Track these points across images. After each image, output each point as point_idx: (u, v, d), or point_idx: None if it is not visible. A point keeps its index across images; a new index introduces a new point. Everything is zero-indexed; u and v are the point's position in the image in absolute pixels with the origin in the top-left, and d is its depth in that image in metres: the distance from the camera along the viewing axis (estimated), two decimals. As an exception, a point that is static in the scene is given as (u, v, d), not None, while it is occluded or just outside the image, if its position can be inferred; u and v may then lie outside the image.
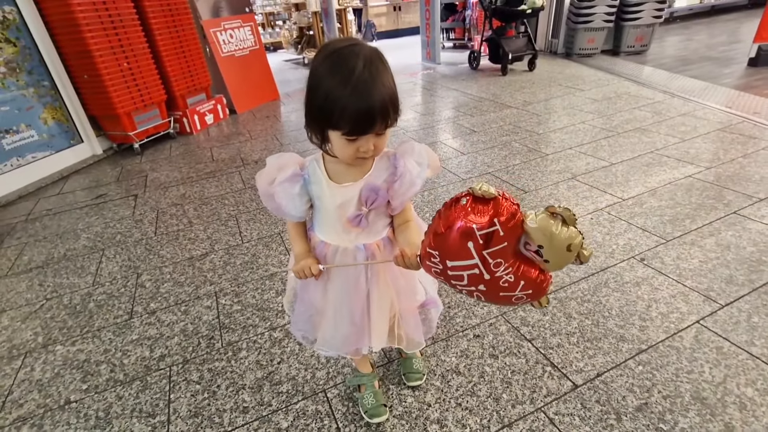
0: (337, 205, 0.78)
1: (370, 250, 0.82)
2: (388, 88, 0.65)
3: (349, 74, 0.62)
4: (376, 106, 0.64)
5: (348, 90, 0.62)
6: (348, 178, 0.77)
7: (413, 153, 0.78)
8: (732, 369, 1.09)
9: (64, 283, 1.76)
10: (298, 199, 0.79)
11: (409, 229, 0.82)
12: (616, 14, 5.09)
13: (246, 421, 1.09)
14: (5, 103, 2.67)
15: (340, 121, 0.65)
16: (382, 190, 0.77)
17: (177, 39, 3.46)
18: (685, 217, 1.77)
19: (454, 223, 0.60)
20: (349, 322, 0.87)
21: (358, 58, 0.63)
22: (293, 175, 0.78)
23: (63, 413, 1.16)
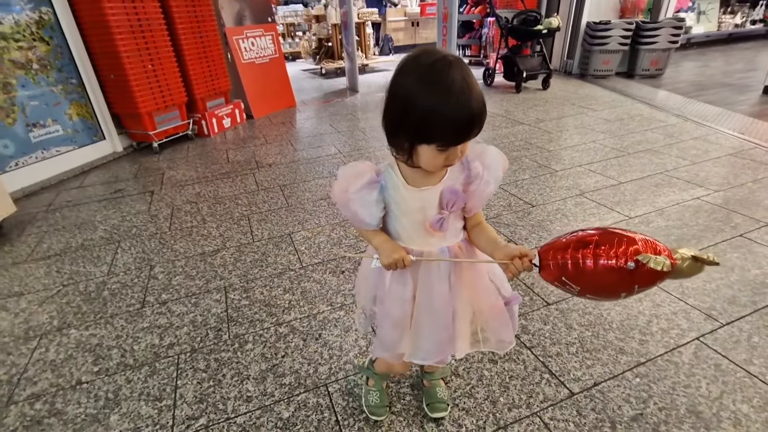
0: (417, 209, 0.78)
1: (453, 252, 0.82)
2: (481, 94, 0.65)
3: (448, 88, 0.63)
4: (475, 115, 0.64)
5: (451, 104, 0.63)
6: (426, 182, 0.77)
7: (485, 155, 0.78)
8: (729, 386, 1.10)
9: (80, 271, 1.82)
10: (375, 206, 0.78)
11: (486, 229, 0.83)
12: (632, 38, 5.14)
13: (249, 410, 1.12)
14: (35, 98, 2.80)
15: (440, 135, 0.65)
16: (460, 192, 0.77)
17: (200, 44, 3.59)
18: (692, 238, 1.78)
19: (616, 281, 0.61)
20: (439, 328, 0.85)
21: (452, 70, 0.63)
22: (370, 182, 0.78)
23: (74, 393, 1.21)
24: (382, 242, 0.81)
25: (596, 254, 0.61)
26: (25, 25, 2.72)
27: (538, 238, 1.85)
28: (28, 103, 2.75)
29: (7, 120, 2.64)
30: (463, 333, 0.87)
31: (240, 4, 4.22)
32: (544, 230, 1.91)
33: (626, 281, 0.60)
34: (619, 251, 0.60)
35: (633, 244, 0.60)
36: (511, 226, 1.97)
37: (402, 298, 0.85)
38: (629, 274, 0.59)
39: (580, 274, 0.63)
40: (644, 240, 0.61)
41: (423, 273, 0.83)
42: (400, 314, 0.86)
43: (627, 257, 0.59)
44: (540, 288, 1.52)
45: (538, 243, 1.81)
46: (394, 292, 0.85)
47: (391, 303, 0.86)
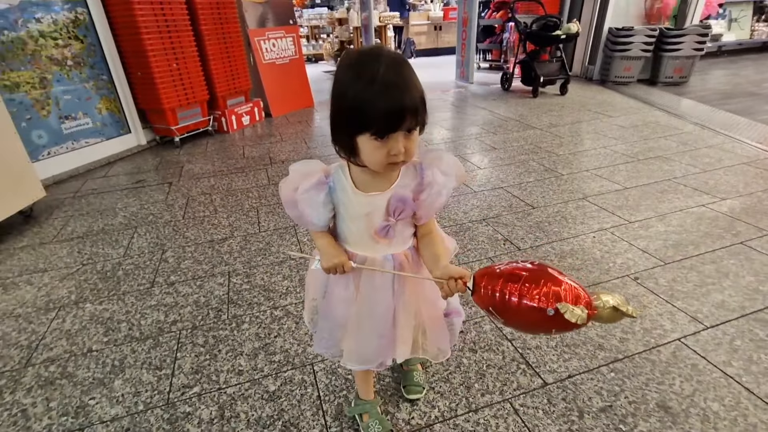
0: (363, 214, 0.76)
1: (398, 260, 0.80)
2: (415, 85, 0.65)
3: (374, 74, 0.62)
4: (405, 100, 0.63)
5: (376, 87, 0.62)
6: (375, 187, 0.75)
7: (440, 162, 0.76)
8: (703, 385, 1.11)
9: (99, 252, 1.96)
10: (322, 207, 0.76)
11: (433, 243, 0.80)
12: (656, 44, 5.06)
13: (239, 382, 1.20)
14: (68, 92, 2.99)
15: (371, 120, 0.63)
16: (409, 200, 0.75)
17: (223, 45, 3.75)
18: (689, 244, 1.77)
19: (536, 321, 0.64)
20: (378, 335, 0.84)
21: (380, 60, 0.64)
22: (318, 183, 0.76)
23: (85, 359, 1.32)
24: (325, 245, 0.80)
25: (521, 292, 0.64)
26: (62, 25, 2.92)
27: (534, 238, 1.88)
28: (61, 97, 2.95)
29: (42, 112, 2.84)
30: (404, 338, 0.86)
31: (263, 6, 4.38)
32: (542, 231, 1.94)
33: (545, 324, 0.63)
34: (542, 293, 0.62)
35: (557, 287, 0.62)
36: (509, 226, 2.00)
37: (344, 299, 0.84)
38: (548, 318, 0.62)
39: (505, 308, 0.66)
40: (569, 287, 0.62)
41: (366, 278, 0.82)
42: (342, 314, 0.86)
43: (548, 302, 0.61)
44: (529, 285, 1.56)
45: (533, 243, 1.84)
46: (336, 294, 0.85)
47: (333, 304, 0.86)
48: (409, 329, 0.87)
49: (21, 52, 2.69)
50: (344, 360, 0.90)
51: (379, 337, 0.85)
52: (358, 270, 0.79)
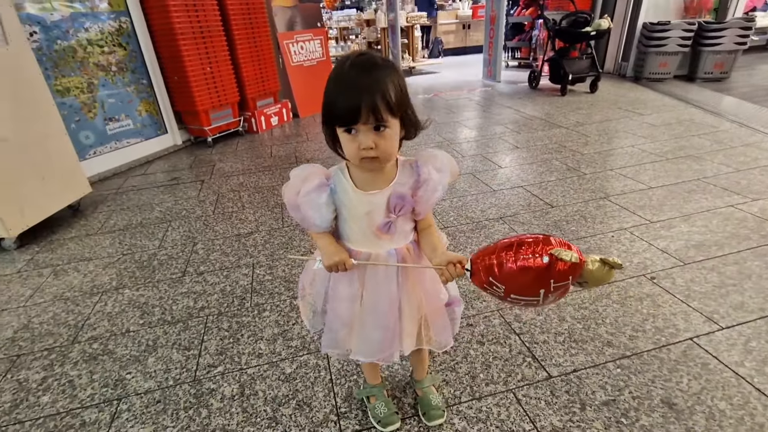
0: (364, 213, 0.80)
1: (401, 254, 0.84)
2: (377, 81, 0.68)
3: (341, 74, 0.70)
4: (361, 94, 0.67)
5: (340, 85, 0.69)
6: (374, 186, 0.79)
7: (435, 160, 0.80)
8: (712, 383, 1.11)
9: (137, 243, 2.12)
10: (325, 209, 0.79)
11: (431, 235, 0.85)
12: (694, 39, 4.85)
13: (258, 364, 1.30)
14: (112, 96, 3.23)
15: (335, 114, 0.70)
16: (408, 197, 0.79)
17: (254, 48, 3.92)
18: (713, 245, 1.73)
19: (533, 278, 0.66)
20: (383, 328, 0.87)
21: (352, 62, 0.70)
22: (319, 185, 0.79)
23: (123, 338, 1.45)
24: (326, 244, 0.83)
25: (517, 254, 0.68)
26: (108, 33, 3.15)
27: (550, 236, 1.88)
28: (106, 101, 3.18)
29: (89, 114, 3.08)
30: (409, 331, 0.89)
31: (292, 10, 4.52)
32: (559, 230, 1.94)
33: (543, 276, 0.66)
34: (536, 249, 0.67)
35: (548, 243, 0.67)
36: (526, 224, 2.01)
37: (348, 297, 0.87)
38: (545, 269, 0.65)
39: (504, 273, 0.69)
40: (559, 240, 0.68)
41: (370, 273, 0.85)
42: (348, 313, 0.88)
43: (542, 253, 0.66)
44: (541, 282, 1.57)
45: (549, 241, 1.85)
46: (341, 292, 0.87)
47: (339, 302, 0.88)
48: (414, 321, 0.90)
49: (71, 60, 2.93)
50: (352, 355, 0.93)
51: (384, 330, 0.87)
52: (359, 266, 0.83)
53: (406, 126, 0.76)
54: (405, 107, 0.73)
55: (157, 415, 1.15)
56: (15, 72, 2.09)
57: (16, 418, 1.17)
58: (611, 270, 0.65)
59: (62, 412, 1.18)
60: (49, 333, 1.51)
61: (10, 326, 1.55)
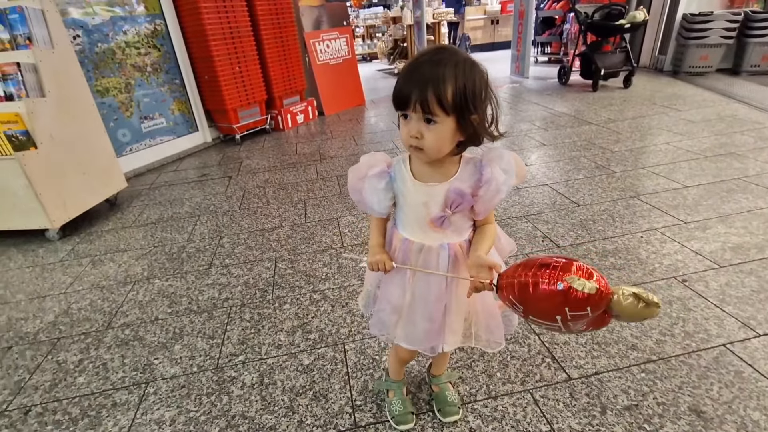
0: (421, 203, 0.80)
1: (453, 250, 0.83)
2: (437, 77, 0.68)
3: (412, 60, 0.72)
4: (412, 84, 0.69)
5: (404, 71, 0.72)
6: (433, 178, 0.79)
7: (501, 160, 0.78)
8: (746, 393, 1.05)
9: (167, 236, 2.21)
10: (383, 194, 0.83)
11: (482, 234, 0.83)
12: (739, 30, 4.57)
13: (278, 354, 1.33)
14: (147, 96, 3.37)
15: (394, 97, 0.73)
16: (467, 194, 0.77)
17: (281, 48, 3.99)
18: (753, 247, 1.63)
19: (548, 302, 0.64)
20: (429, 319, 0.87)
21: (422, 55, 0.72)
22: (381, 172, 0.83)
23: (152, 326, 1.52)
24: (373, 242, 0.88)
25: (535, 276, 0.65)
26: (144, 35, 3.29)
27: (575, 236, 1.83)
28: (142, 100, 3.33)
29: (126, 113, 3.23)
30: (454, 328, 0.89)
31: (318, 10, 4.58)
32: (584, 229, 1.88)
33: (558, 302, 0.63)
34: (553, 274, 0.63)
35: (567, 269, 0.63)
36: (550, 223, 1.96)
37: (399, 284, 0.88)
38: (559, 295, 0.62)
39: (523, 294, 0.67)
40: (583, 266, 0.63)
41: (422, 261, 0.85)
42: (398, 300, 0.89)
43: (558, 279, 0.62)
44: (564, 282, 1.53)
45: (574, 241, 1.80)
46: (392, 278, 0.89)
47: (390, 288, 0.90)
48: (460, 318, 0.89)
49: (111, 61, 3.08)
50: (397, 340, 0.93)
51: (430, 322, 0.87)
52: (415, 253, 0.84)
53: (466, 131, 0.73)
54: (466, 111, 0.70)
55: (182, 399, 1.20)
56: (60, 73, 2.22)
57: (54, 396, 1.25)
58: (649, 307, 0.59)
59: (95, 393, 1.25)
60: (86, 318, 1.60)
61: (52, 311, 1.66)
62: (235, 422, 1.11)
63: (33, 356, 1.43)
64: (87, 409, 1.20)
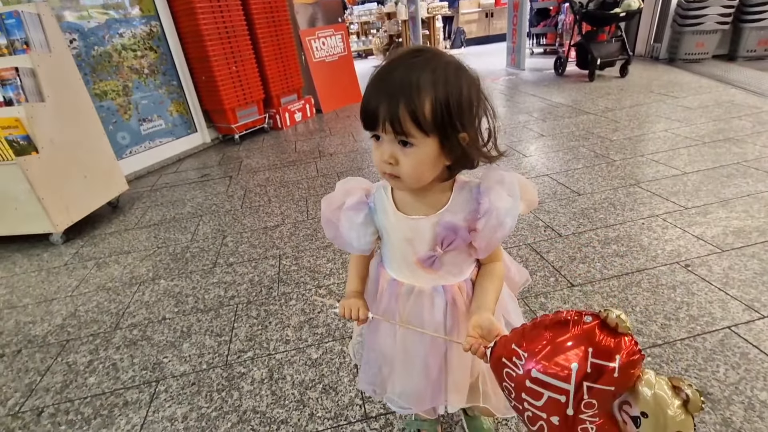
0: (404, 239, 0.67)
1: (451, 294, 0.69)
2: (410, 86, 0.54)
3: (381, 66, 0.58)
4: (381, 97, 0.56)
5: (371, 81, 0.58)
6: (418, 210, 0.66)
7: (503, 184, 0.63)
8: (752, 374, 1.06)
9: (171, 237, 2.22)
10: (362, 230, 0.70)
11: (487, 277, 0.68)
12: (735, 15, 4.57)
13: (286, 350, 1.34)
14: (145, 98, 3.37)
15: (361, 113, 0.60)
16: (462, 229, 0.63)
17: (277, 47, 3.99)
18: (754, 230, 1.64)
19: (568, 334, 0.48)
20: (424, 376, 0.74)
21: (392, 59, 0.58)
22: (358, 203, 0.70)
23: (160, 325, 1.53)
24: (349, 289, 0.76)
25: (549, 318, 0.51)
26: (140, 37, 3.29)
27: (576, 225, 1.84)
28: (140, 102, 3.33)
29: (125, 116, 3.23)
30: (457, 384, 0.74)
31: (313, 7, 4.56)
32: (586, 218, 1.89)
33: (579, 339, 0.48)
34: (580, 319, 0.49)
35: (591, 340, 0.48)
36: (552, 213, 1.97)
37: (389, 333, 0.75)
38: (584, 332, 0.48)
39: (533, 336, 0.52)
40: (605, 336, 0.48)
41: (412, 306, 0.71)
42: (388, 350, 0.76)
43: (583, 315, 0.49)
44: (567, 270, 1.54)
45: (576, 230, 1.80)
46: (380, 326, 0.76)
47: (379, 338, 0.77)
48: (464, 373, 0.74)
49: (108, 64, 3.07)
50: (387, 396, 0.81)
51: (425, 379, 0.74)
52: (404, 295, 0.71)
53: (453, 153, 0.59)
54: (450, 129, 0.56)
55: (192, 396, 1.21)
56: (58, 77, 2.22)
57: (66, 397, 1.26)
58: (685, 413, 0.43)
59: (107, 392, 1.26)
60: (94, 320, 1.61)
61: (59, 314, 1.67)
62: (246, 417, 1.12)
63: (42, 359, 1.44)
64: (99, 409, 1.21)
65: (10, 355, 1.47)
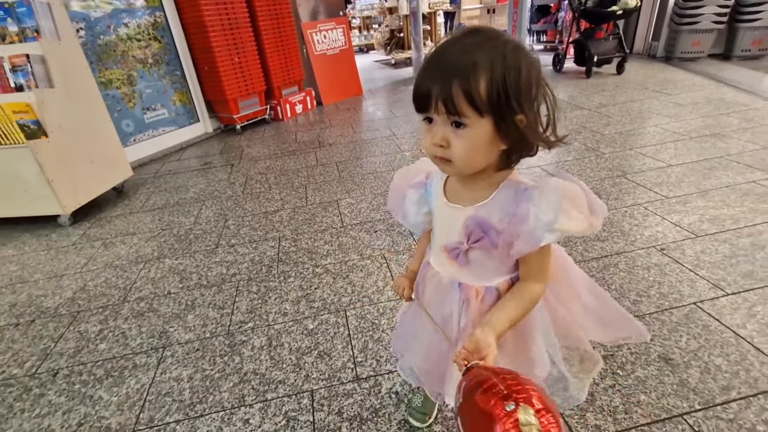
0: (442, 226, 0.69)
1: (466, 294, 0.68)
2: (466, 66, 0.53)
3: (435, 48, 0.57)
4: (434, 78, 0.55)
5: (425, 62, 0.57)
6: (462, 199, 0.65)
7: (550, 192, 0.58)
8: (711, 342, 1.15)
9: (175, 220, 2.31)
10: (416, 208, 0.73)
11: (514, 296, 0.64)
12: (730, 14, 4.63)
13: (284, 321, 1.43)
14: (149, 87, 3.44)
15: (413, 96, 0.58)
16: (492, 229, 0.61)
17: (279, 38, 4.05)
18: (728, 218, 1.73)
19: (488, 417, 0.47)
20: (425, 359, 0.77)
21: (449, 39, 0.57)
22: (420, 182, 0.74)
23: (165, 299, 1.63)
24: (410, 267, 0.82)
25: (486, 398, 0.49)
26: (144, 27, 3.36)
27: (563, 212, 1.93)
28: (144, 91, 3.40)
29: (129, 104, 3.30)
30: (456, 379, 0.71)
31: (315, 1, 4.63)
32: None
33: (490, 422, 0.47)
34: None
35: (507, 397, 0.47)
36: (540, 201, 2.06)
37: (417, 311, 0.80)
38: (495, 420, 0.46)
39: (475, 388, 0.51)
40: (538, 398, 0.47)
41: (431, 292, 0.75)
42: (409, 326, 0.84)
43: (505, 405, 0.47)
44: (551, 253, 1.63)
45: (562, 216, 1.89)
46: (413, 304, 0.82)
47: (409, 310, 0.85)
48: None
49: (113, 53, 3.15)
50: (399, 363, 0.86)
51: (426, 362, 0.78)
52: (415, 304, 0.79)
53: (509, 137, 0.57)
54: (507, 110, 0.54)
55: (197, 360, 1.31)
56: (66, 65, 2.30)
57: (79, 360, 1.36)
58: None
59: (117, 357, 1.36)
60: (103, 294, 1.70)
61: (69, 288, 1.76)
62: (247, 378, 1.22)
63: (56, 327, 1.53)
64: (110, 371, 1.31)
65: (24, 324, 1.57)
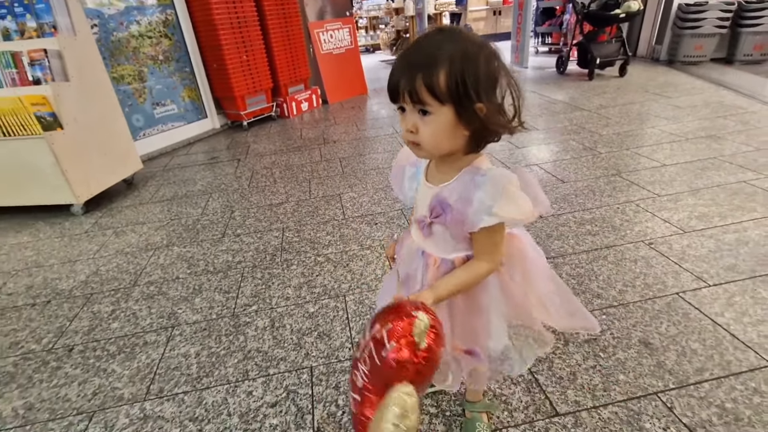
0: (418, 200, 0.78)
1: (426, 263, 0.76)
2: (428, 60, 0.60)
3: (407, 45, 0.64)
4: (404, 72, 0.62)
5: (397, 58, 0.65)
6: (435, 179, 0.73)
7: (497, 180, 0.65)
8: (689, 329, 1.22)
9: (183, 211, 2.39)
10: (408, 183, 0.81)
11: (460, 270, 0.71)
12: (733, 20, 4.67)
13: (286, 305, 1.51)
14: (159, 83, 3.54)
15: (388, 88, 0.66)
16: (449, 207, 0.68)
17: (286, 37, 4.14)
18: (716, 215, 1.79)
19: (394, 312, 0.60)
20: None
21: (418, 38, 0.64)
22: (415, 161, 0.80)
23: (174, 283, 1.71)
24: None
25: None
26: (155, 25, 3.45)
27: (557, 208, 2.00)
28: (154, 87, 3.50)
29: (140, 100, 3.40)
30: None
31: (322, 1, 4.71)
32: (566, 202, 2.04)
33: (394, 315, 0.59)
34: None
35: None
36: (536, 197, 2.12)
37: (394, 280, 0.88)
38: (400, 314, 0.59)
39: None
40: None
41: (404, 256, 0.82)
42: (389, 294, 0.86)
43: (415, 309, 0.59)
44: (542, 246, 1.70)
45: (556, 212, 1.96)
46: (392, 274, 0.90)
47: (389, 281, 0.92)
48: None
49: (125, 50, 3.25)
50: None
51: None
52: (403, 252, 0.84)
53: (470, 123, 0.63)
54: (465, 99, 0.61)
55: (204, 338, 1.38)
56: (82, 60, 2.39)
57: (93, 338, 1.44)
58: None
59: (128, 335, 1.44)
60: (114, 278, 1.79)
61: (83, 272, 1.85)
62: (251, 355, 1.30)
63: (70, 308, 1.62)
64: (123, 347, 1.39)
65: (40, 305, 1.65)
